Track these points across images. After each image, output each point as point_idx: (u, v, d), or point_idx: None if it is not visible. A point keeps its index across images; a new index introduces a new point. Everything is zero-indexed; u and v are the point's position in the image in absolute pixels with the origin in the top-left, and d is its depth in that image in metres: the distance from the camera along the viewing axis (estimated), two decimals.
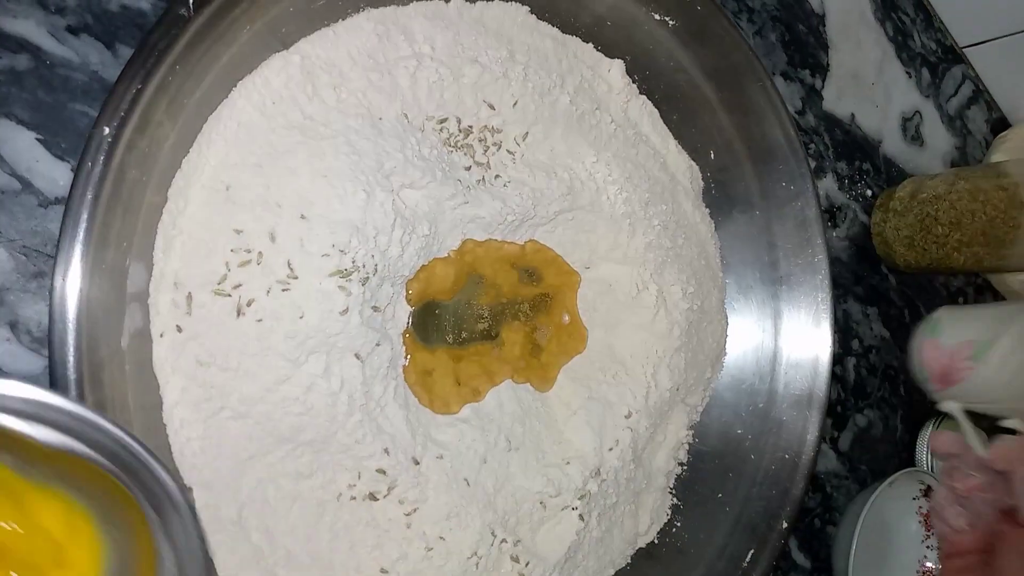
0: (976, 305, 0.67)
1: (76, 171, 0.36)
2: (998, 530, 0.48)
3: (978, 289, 0.87)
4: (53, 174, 0.43)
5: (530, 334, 0.56)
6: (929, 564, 0.74)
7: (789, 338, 0.63)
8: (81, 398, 0.35)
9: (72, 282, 0.36)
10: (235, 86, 0.44)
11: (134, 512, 0.30)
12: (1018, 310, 0.65)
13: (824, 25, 0.76)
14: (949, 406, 0.63)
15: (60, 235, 0.35)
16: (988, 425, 0.60)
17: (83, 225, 0.36)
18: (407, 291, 0.51)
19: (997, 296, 0.88)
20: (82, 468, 0.29)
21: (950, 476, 0.51)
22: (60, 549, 0.30)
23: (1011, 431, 0.59)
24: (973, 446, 0.56)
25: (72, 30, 0.44)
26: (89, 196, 0.36)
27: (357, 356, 0.45)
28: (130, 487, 0.29)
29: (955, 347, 0.60)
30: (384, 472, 0.47)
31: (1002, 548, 0.47)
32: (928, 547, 0.74)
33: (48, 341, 0.35)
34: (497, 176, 0.53)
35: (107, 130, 0.36)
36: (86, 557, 0.30)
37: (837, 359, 0.72)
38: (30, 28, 0.43)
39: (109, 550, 0.31)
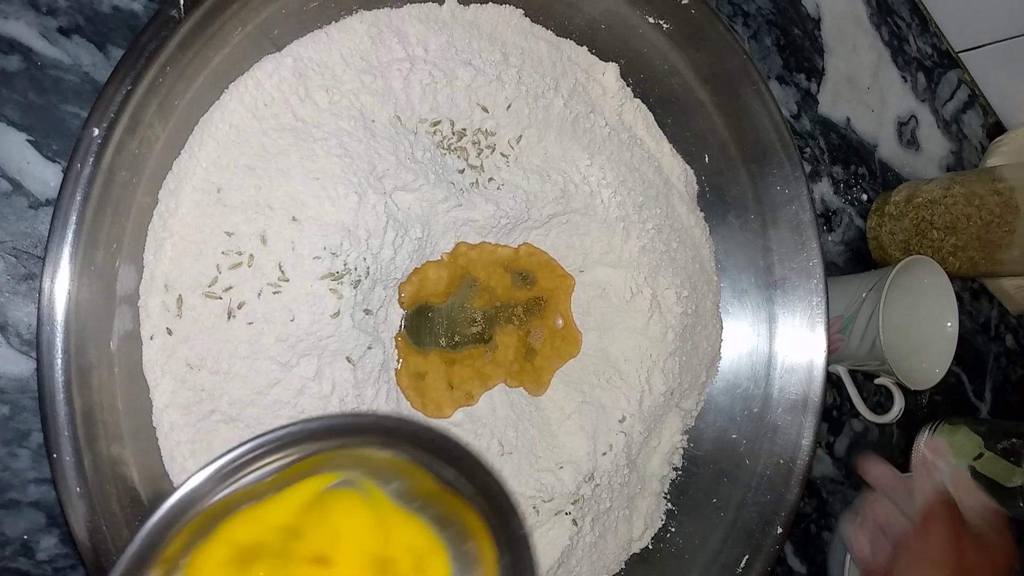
0: (847, 277, 0.70)
1: (65, 172, 0.35)
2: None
3: (973, 293, 0.87)
4: (44, 175, 0.43)
5: (524, 338, 0.56)
6: None
7: (784, 342, 0.62)
8: (69, 401, 0.35)
9: (61, 284, 0.36)
10: (227, 88, 0.44)
11: (484, 547, 0.33)
12: (869, 283, 0.67)
13: (820, 29, 0.76)
14: (835, 368, 0.72)
15: (48, 236, 0.35)
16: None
17: (72, 227, 0.35)
18: (400, 294, 0.50)
19: (993, 301, 0.88)
20: (451, 505, 0.33)
21: (871, 507, 0.53)
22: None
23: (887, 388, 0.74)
24: (856, 406, 0.71)
25: (64, 31, 0.44)
26: (78, 197, 0.36)
27: (348, 359, 0.45)
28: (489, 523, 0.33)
29: (832, 321, 0.63)
30: None
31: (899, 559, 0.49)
32: None
33: (36, 343, 0.35)
34: (491, 179, 0.53)
35: (96, 131, 0.36)
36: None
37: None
38: (21, 29, 0.43)
39: None
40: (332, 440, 0.32)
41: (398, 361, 0.50)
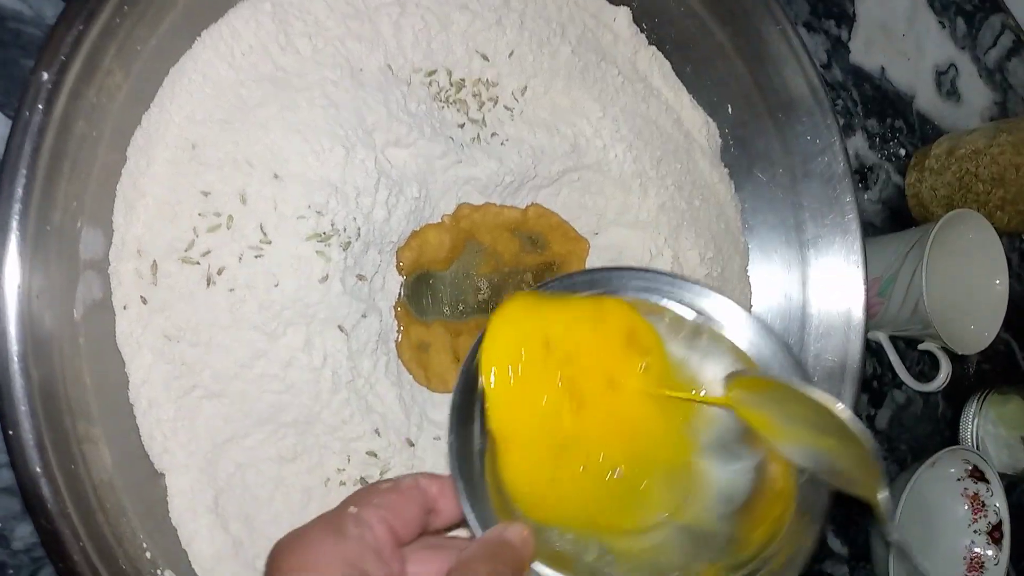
0: (885, 236, 0.66)
1: (13, 122, 0.32)
2: None
3: (1022, 254, 0.82)
4: (4, 135, 0.40)
5: None
6: (977, 550, 0.69)
7: (819, 305, 0.58)
8: (26, 373, 0.32)
9: (12, 245, 0.32)
10: (199, 35, 0.41)
11: None
12: (909, 241, 0.63)
13: None
14: (874, 335, 0.68)
15: None
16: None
17: (21, 181, 0.32)
18: (398, 260, 0.47)
19: None
20: None
21: None
22: None
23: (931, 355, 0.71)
24: (899, 373, 0.68)
25: None
26: (28, 148, 0.32)
27: (341, 328, 0.42)
28: None
29: (869, 283, 0.59)
30: (375, 455, 0.43)
31: None
32: (976, 532, 0.69)
33: None
34: (494, 134, 0.49)
35: (46, 75, 0.33)
36: None
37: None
38: None
39: None
40: None
41: (398, 332, 0.47)
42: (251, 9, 0.42)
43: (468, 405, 0.32)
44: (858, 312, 0.57)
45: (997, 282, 0.65)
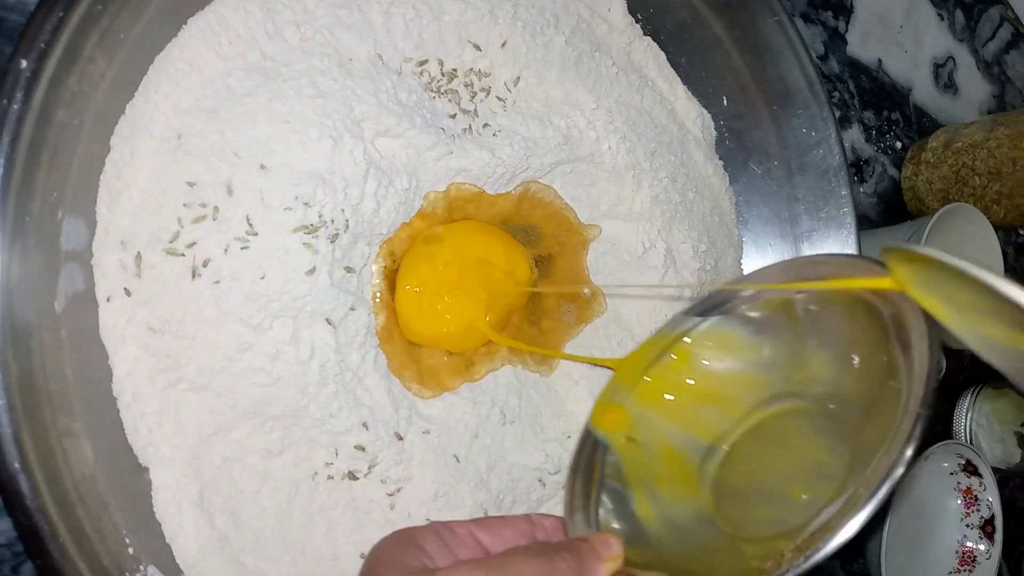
0: (881, 230, 0.66)
1: None
2: None
3: (1018, 248, 0.82)
4: None
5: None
6: (970, 544, 0.68)
7: None
8: (4, 366, 0.32)
9: None
10: (185, 24, 0.40)
11: None
12: (905, 234, 0.63)
13: None
14: None
15: None
16: None
17: None
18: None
19: None
20: None
21: None
22: None
23: None
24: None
25: None
26: (6, 139, 0.32)
27: (328, 321, 0.41)
28: None
29: None
30: (363, 449, 0.42)
31: None
32: (968, 526, 0.69)
33: None
34: (486, 125, 0.48)
35: (25, 63, 0.32)
36: None
37: None
38: None
39: None
40: None
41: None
42: None
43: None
44: None
45: None
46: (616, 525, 0.38)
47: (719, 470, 0.38)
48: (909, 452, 0.29)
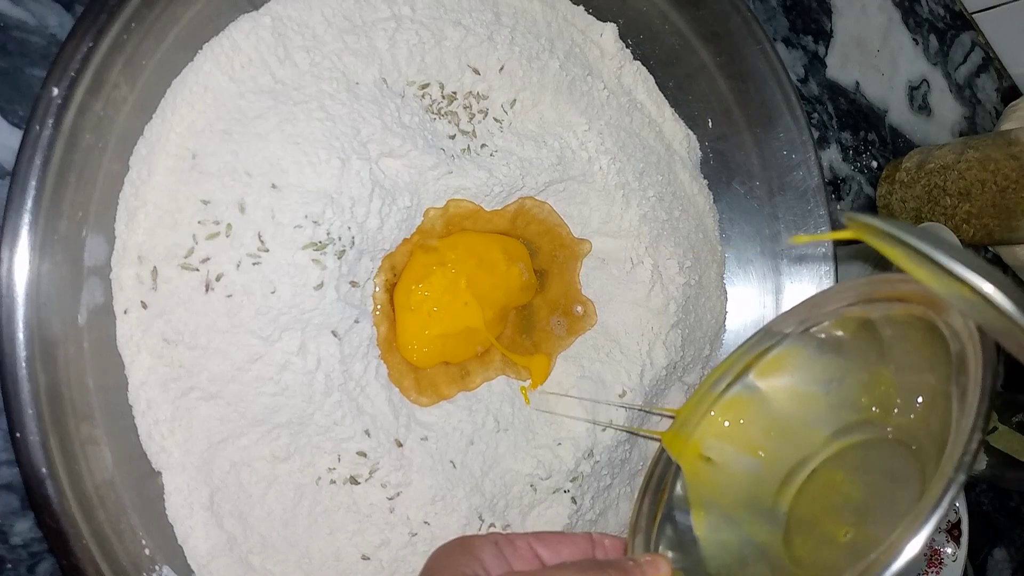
0: (858, 247, 0.67)
1: (24, 135, 0.33)
2: None
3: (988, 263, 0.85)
4: (10, 143, 0.41)
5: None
6: (937, 547, 0.71)
7: None
8: (32, 378, 0.33)
9: (20, 254, 0.34)
10: (200, 49, 0.42)
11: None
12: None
13: None
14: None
15: (7, 203, 0.33)
16: None
17: (31, 193, 0.33)
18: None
19: (1008, 272, 0.86)
20: None
21: None
22: None
23: None
24: None
25: None
26: (38, 162, 0.33)
27: (334, 333, 0.43)
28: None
29: None
30: (365, 455, 0.44)
31: None
32: (936, 530, 0.71)
33: None
34: (483, 145, 0.50)
35: (56, 91, 0.34)
36: None
37: None
38: None
39: None
40: None
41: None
42: (251, 23, 0.43)
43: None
44: None
45: None
46: (672, 554, 0.38)
47: (793, 500, 0.37)
48: (930, 525, 0.27)
